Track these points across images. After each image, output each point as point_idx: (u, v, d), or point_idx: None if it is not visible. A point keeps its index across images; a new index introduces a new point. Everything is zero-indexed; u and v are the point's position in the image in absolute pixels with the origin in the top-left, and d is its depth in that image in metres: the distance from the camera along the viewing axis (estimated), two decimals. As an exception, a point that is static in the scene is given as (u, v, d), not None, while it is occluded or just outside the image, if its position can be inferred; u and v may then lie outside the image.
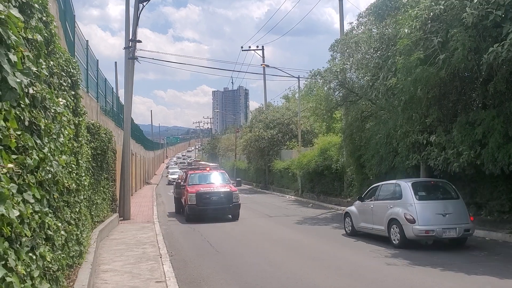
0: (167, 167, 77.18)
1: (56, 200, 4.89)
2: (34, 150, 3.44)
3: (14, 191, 2.71)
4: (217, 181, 17.91)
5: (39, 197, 3.45)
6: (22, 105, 3.19)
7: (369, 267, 8.62)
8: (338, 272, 8.33)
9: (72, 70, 6.79)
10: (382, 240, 11.11)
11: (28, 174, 3.24)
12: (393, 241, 10.58)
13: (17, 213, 2.72)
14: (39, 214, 3.59)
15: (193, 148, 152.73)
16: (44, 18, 4.55)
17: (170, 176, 43.06)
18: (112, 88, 20.99)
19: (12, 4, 2.95)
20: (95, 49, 17.02)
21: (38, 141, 3.68)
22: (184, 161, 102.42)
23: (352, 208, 12.65)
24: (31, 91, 3.47)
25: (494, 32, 10.34)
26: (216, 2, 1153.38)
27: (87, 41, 14.10)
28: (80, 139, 7.77)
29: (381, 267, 8.59)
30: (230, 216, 16.82)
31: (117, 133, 19.07)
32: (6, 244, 2.51)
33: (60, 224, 4.94)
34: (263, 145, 33.86)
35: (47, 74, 4.43)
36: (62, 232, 5.13)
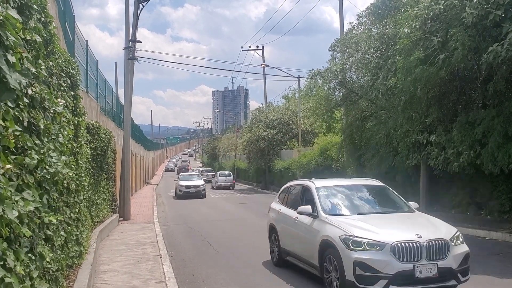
0: (166, 170, 72.26)
1: (56, 201, 4.90)
2: (33, 151, 3.44)
3: (13, 191, 2.71)
4: None
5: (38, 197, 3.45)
6: (21, 106, 3.18)
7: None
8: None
9: (71, 71, 6.78)
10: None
11: (27, 175, 3.24)
12: None
13: (16, 214, 2.72)
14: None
15: (190, 150, 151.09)
16: (43, 19, 4.55)
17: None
18: (112, 88, 20.97)
19: (10, 5, 2.95)
20: (93, 49, 16.98)
21: (37, 142, 3.68)
22: (186, 160, 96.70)
23: None
24: (30, 91, 3.46)
25: (494, 32, 10.34)
26: (214, 2, 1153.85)
27: (86, 41, 14.07)
28: (79, 139, 7.77)
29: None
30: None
31: (117, 133, 19.07)
32: (5, 244, 2.51)
33: (60, 220, 4.94)
34: (263, 145, 33.85)
35: (46, 74, 4.43)
36: (62, 233, 5.13)
